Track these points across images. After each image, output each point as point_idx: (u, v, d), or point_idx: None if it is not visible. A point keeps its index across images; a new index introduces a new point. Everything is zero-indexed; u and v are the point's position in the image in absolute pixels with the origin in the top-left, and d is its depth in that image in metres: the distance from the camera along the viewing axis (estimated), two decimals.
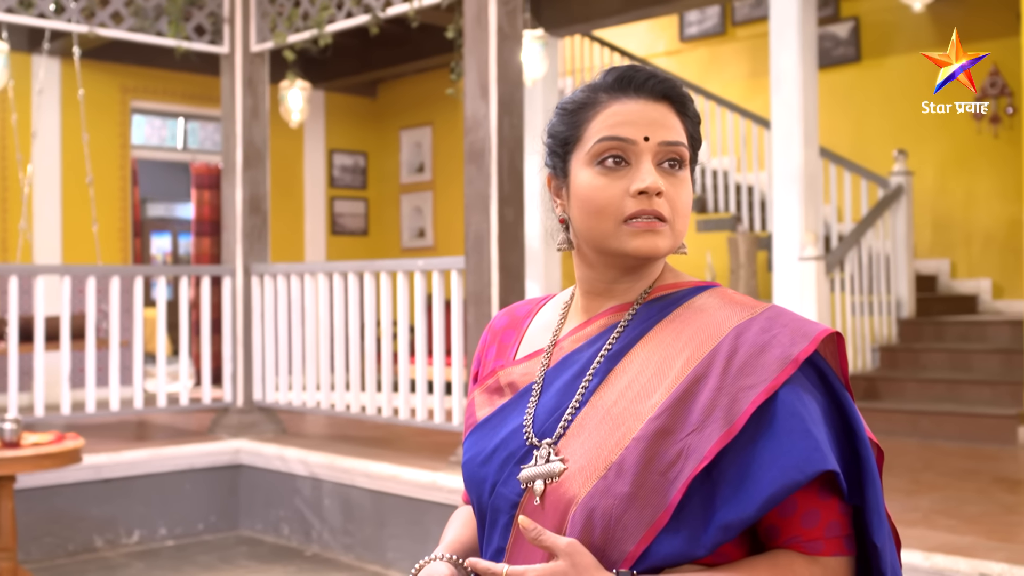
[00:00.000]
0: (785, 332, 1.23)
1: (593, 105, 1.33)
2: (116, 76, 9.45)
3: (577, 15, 8.15)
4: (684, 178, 1.32)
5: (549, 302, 1.49)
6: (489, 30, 5.14)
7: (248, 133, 6.83)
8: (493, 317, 1.53)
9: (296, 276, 6.58)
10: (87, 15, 6.31)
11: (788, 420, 1.18)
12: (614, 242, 1.29)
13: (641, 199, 1.27)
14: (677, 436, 1.20)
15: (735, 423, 1.18)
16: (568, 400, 1.31)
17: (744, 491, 1.17)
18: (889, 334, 7.70)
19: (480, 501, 1.35)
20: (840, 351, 1.27)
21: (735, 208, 8.91)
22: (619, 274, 1.34)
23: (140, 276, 6.50)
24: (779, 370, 1.20)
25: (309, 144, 11.01)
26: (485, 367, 1.48)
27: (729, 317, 1.28)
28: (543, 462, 1.27)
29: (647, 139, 1.29)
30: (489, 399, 1.41)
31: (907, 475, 5.28)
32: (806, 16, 6.84)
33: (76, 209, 8.97)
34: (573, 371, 1.33)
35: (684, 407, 1.21)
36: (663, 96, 1.32)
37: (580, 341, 1.36)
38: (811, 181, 6.87)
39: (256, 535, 6.31)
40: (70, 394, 6.34)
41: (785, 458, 1.16)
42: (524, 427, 1.32)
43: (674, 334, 1.29)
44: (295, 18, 6.48)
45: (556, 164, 1.37)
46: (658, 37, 10.38)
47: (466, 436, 1.41)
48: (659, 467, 1.19)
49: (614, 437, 1.23)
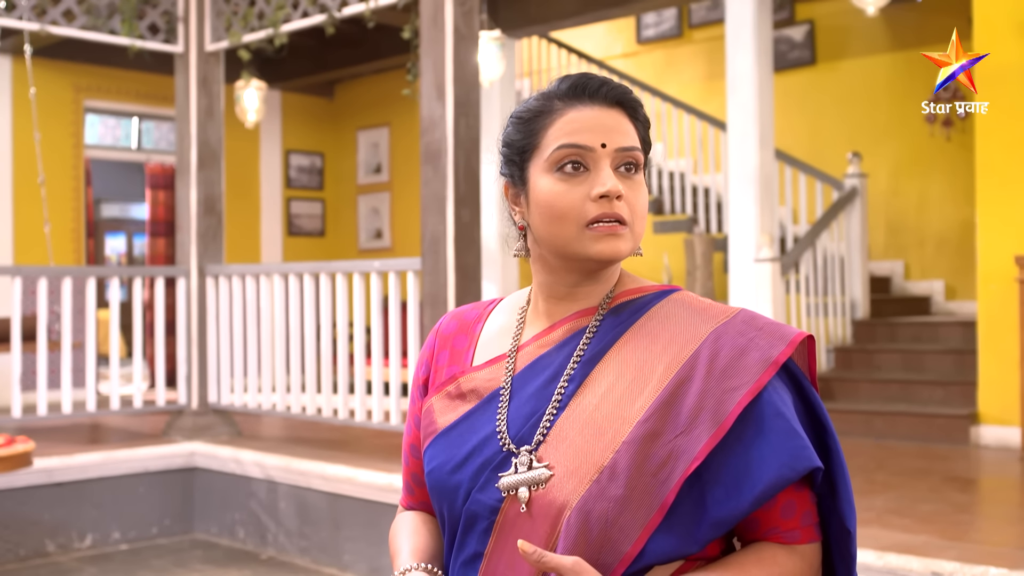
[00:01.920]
0: (762, 336, 1.29)
1: (549, 113, 1.35)
2: (69, 75, 9.34)
3: (534, 16, 8.15)
4: (640, 181, 1.35)
5: (498, 306, 1.50)
6: (445, 31, 5.13)
7: (203, 133, 6.77)
8: (439, 322, 1.53)
9: (251, 277, 6.53)
10: (39, 12, 6.23)
11: (775, 420, 1.24)
12: (577, 246, 1.31)
13: (602, 203, 1.30)
14: (665, 438, 1.24)
15: (722, 424, 1.22)
16: (544, 405, 1.32)
17: (736, 489, 1.22)
18: (843, 335, 7.76)
19: (451, 508, 1.35)
20: (810, 352, 1.33)
21: (692, 210, 8.95)
22: (580, 278, 1.37)
23: (93, 277, 6.42)
24: (761, 371, 1.25)
25: (265, 145, 10.94)
26: (438, 373, 1.47)
27: (705, 321, 1.32)
28: (525, 469, 1.28)
29: (604, 145, 1.32)
30: (451, 405, 1.41)
31: (861, 475, 5.32)
32: (761, 19, 6.88)
33: (28, 209, 8.86)
34: (545, 376, 1.35)
35: (670, 410, 1.25)
36: (616, 102, 1.35)
37: (547, 346, 1.38)
38: (767, 183, 6.92)
39: (211, 538, 6.25)
40: (21, 397, 6.25)
41: (776, 456, 1.22)
42: (499, 433, 1.33)
43: (650, 338, 1.32)
44: (250, 17, 6.43)
45: (513, 172, 1.39)
46: (615, 39, 10.40)
47: (428, 444, 1.40)
48: (650, 469, 1.23)
49: (601, 441, 1.25)
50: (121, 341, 11.28)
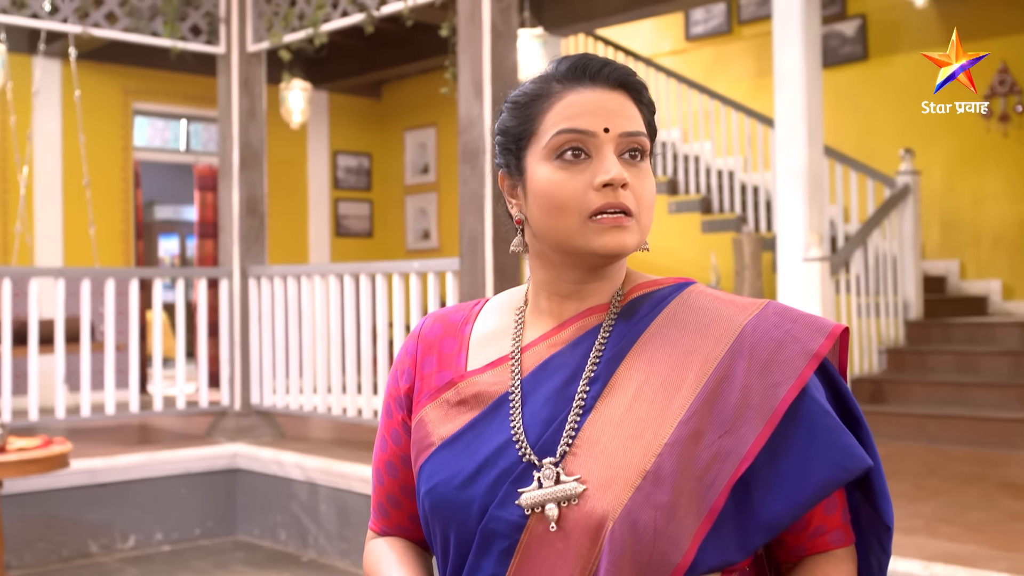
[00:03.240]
0: (798, 327, 1.21)
1: (547, 96, 1.25)
2: (118, 78, 9.41)
3: (580, 13, 8.07)
4: (646, 169, 1.25)
5: (486, 307, 1.39)
6: (483, 28, 5.06)
7: (245, 134, 6.77)
8: (419, 326, 1.41)
9: (293, 278, 6.51)
10: (81, 15, 6.26)
11: (822, 417, 1.17)
12: (579, 240, 1.21)
13: (606, 192, 1.20)
14: (709, 438, 1.15)
15: (769, 421, 1.15)
16: (565, 409, 1.21)
17: (785, 491, 1.15)
18: (896, 336, 7.59)
19: (461, 528, 1.22)
20: (842, 345, 1.25)
21: (740, 209, 8.82)
22: (584, 274, 1.27)
23: (135, 278, 6.43)
24: (803, 365, 1.18)
25: (313, 146, 10.95)
26: (426, 380, 1.35)
27: (735, 314, 1.24)
28: (552, 483, 1.16)
29: (607, 130, 1.22)
30: (450, 414, 1.29)
31: (910, 480, 5.18)
32: (809, 14, 6.74)
33: (77, 211, 8.92)
34: (561, 377, 1.24)
35: (712, 408, 1.17)
36: (619, 84, 1.25)
37: (558, 345, 1.27)
38: (815, 181, 6.78)
39: (253, 540, 6.24)
40: (67, 397, 6.28)
41: (827, 455, 1.15)
42: (516, 442, 1.21)
43: (678, 333, 1.23)
44: (291, 18, 6.41)
45: (509, 162, 1.29)
46: (664, 36, 10.28)
47: (426, 459, 1.27)
48: (695, 472, 1.14)
49: (640, 444, 1.16)
50: (167, 342, 11.35)
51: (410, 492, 1.35)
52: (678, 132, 9.41)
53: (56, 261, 8.90)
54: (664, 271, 7.97)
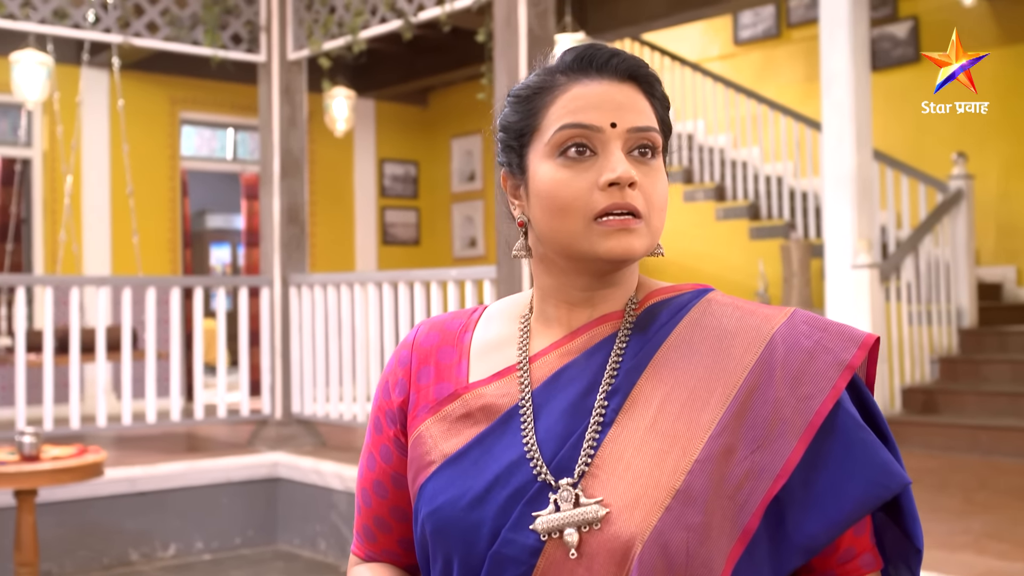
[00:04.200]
0: (829, 337, 1.14)
1: (550, 89, 1.16)
2: (165, 87, 9.47)
3: (624, 18, 7.98)
4: (657, 168, 1.16)
5: (484, 314, 1.29)
6: (519, 32, 5.00)
7: (286, 142, 6.76)
8: (413, 334, 1.31)
9: (333, 287, 6.48)
10: (123, 25, 6.28)
11: (857, 431, 1.10)
12: (583, 244, 1.12)
13: (612, 192, 1.11)
14: (741, 454, 1.08)
15: (803, 436, 1.08)
16: (581, 423, 1.12)
17: (820, 510, 1.08)
18: (949, 344, 7.40)
19: (468, 552, 1.12)
20: (871, 355, 1.16)
21: (789, 215, 8.67)
22: (593, 280, 1.18)
23: (177, 287, 6.44)
24: (836, 376, 1.11)
25: (359, 153, 10.95)
26: (423, 393, 1.24)
27: (762, 322, 1.15)
28: (570, 506, 1.07)
29: (614, 125, 1.13)
30: (452, 429, 1.19)
31: (960, 494, 5.02)
32: (857, 16, 6.61)
33: (124, 220, 8.98)
34: (576, 389, 1.15)
35: (743, 422, 1.09)
36: (629, 76, 1.16)
37: (571, 354, 1.18)
38: (864, 185, 6.63)
39: (293, 550, 6.21)
40: (116, 406, 6.30)
41: (864, 472, 1.08)
42: (531, 459, 1.12)
43: (701, 342, 1.15)
44: (330, 25, 6.40)
45: (511, 160, 1.19)
46: (711, 41, 10.16)
47: (427, 477, 1.17)
48: (727, 491, 1.06)
49: (668, 461, 1.07)
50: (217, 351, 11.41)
51: (400, 514, 1.27)
52: (726, 138, 9.29)
53: (104, 270, 8.96)
54: (711, 278, 7.86)
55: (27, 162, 8.99)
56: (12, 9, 5.91)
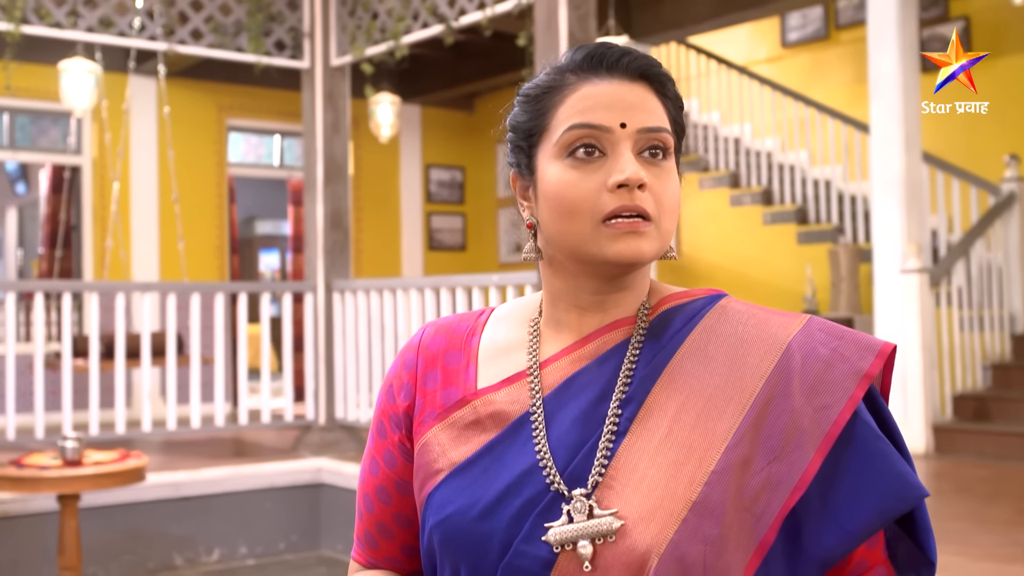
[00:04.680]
0: (845, 345, 1.11)
1: (559, 89, 1.14)
2: (212, 95, 9.54)
3: (669, 21, 7.92)
4: (669, 169, 1.13)
5: (492, 317, 1.26)
6: (559, 36, 4.97)
7: (329, 148, 6.78)
8: (418, 336, 1.28)
9: (376, 292, 6.49)
10: (167, 32, 6.33)
11: (875, 442, 1.08)
12: (591, 246, 1.10)
13: (620, 194, 1.08)
14: (758, 465, 1.05)
15: (820, 447, 1.06)
16: (594, 432, 1.10)
17: (836, 522, 1.05)
18: (1002, 351, 7.26)
19: (478, 564, 1.09)
20: (887, 366, 1.13)
21: (838, 219, 8.56)
22: (603, 284, 1.15)
23: (221, 293, 6.47)
24: (854, 386, 1.08)
25: (405, 159, 10.97)
26: (429, 398, 1.21)
27: (778, 329, 1.13)
28: (584, 518, 1.05)
29: (624, 125, 1.10)
30: (463, 435, 1.16)
31: (1011, 504, 4.91)
32: (906, 16, 6.51)
33: (172, 227, 9.06)
34: (589, 396, 1.12)
35: (759, 432, 1.07)
36: (640, 75, 1.13)
37: (583, 360, 1.15)
38: (913, 189, 6.53)
39: (336, 555, 6.21)
40: (157, 410, 6.34)
41: (881, 484, 1.06)
42: (544, 468, 1.09)
43: (716, 349, 1.12)
44: (373, 30, 6.40)
45: (520, 161, 1.18)
46: (759, 43, 10.06)
47: (436, 485, 1.14)
48: (744, 502, 1.04)
49: (684, 472, 1.05)
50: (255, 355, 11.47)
51: (404, 520, 1.24)
52: (773, 141, 9.19)
53: (152, 276, 9.04)
54: (758, 284, 7.75)
55: (76, 169, 9.09)
56: (59, 18, 5.98)
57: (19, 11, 5.71)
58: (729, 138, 9.47)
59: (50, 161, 9.14)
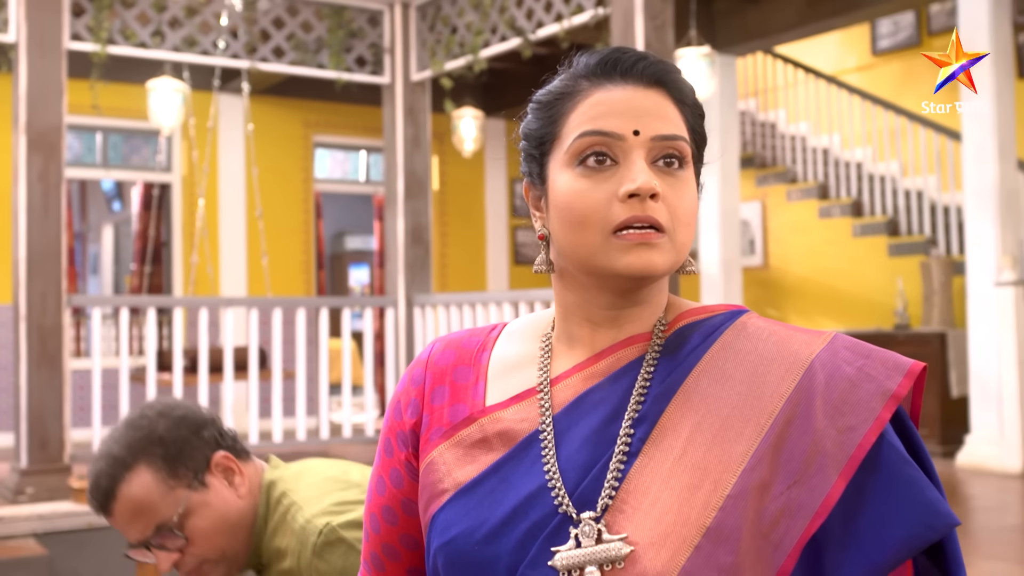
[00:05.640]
0: (872, 364, 1.05)
1: (572, 95, 1.10)
2: (298, 111, 9.66)
3: (753, 30, 7.80)
4: (685, 179, 1.08)
5: (504, 332, 1.21)
6: (635, 47, 4.90)
7: (409, 163, 6.80)
8: (427, 351, 1.23)
9: (456, 307, 6.48)
10: (249, 50, 6.41)
11: (902, 467, 1.01)
12: (601, 258, 1.05)
13: (632, 204, 1.04)
14: (777, 490, 1.00)
15: (844, 471, 1.00)
16: (605, 452, 1.05)
17: (862, 551, 0.99)
18: None
19: None
20: (917, 385, 1.06)
21: (930, 230, 8.33)
22: (616, 298, 1.10)
23: (303, 308, 6.52)
24: (880, 407, 1.02)
25: (490, 173, 10.98)
26: (436, 415, 1.17)
27: (800, 347, 1.07)
28: (592, 542, 1.00)
29: (637, 133, 1.05)
30: (469, 454, 1.11)
31: None
32: (999, 20, 6.33)
33: (259, 242, 9.18)
34: (600, 415, 1.07)
35: (779, 455, 1.01)
36: (656, 81, 1.08)
37: (596, 377, 1.10)
38: (1009, 199, 6.34)
39: None
40: (240, 424, 6.39)
41: (909, 511, 0.99)
42: (552, 489, 1.05)
43: (735, 367, 1.06)
44: (452, 45, 6.41)
45: (532, 169, 1.13)
46: (848, 52, 9.87)
47: (440, 506, 1.10)
48: (761, 529, 0.98)
49: (697, 496, 1.00)
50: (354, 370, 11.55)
51: (410, 542, 1.20)
52: (863, 152, 9.00)
53: (240, 291, 9.17)
54: (847, 298, 7.58)
55: (166, 187, 9.27)
56: (144, 38, 6.09)
57: (105, 32, 5.83)
58: (818, 149, 9.30)
59: (142, 179, 9.34)
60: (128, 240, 11.73)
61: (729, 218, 8.00)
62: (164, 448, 1.76)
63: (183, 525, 1.75)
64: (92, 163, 9.33)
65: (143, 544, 1.76)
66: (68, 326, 5.71)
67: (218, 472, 1.79)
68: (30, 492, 5.44)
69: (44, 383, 5.50)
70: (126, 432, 1.77)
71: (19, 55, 5.58)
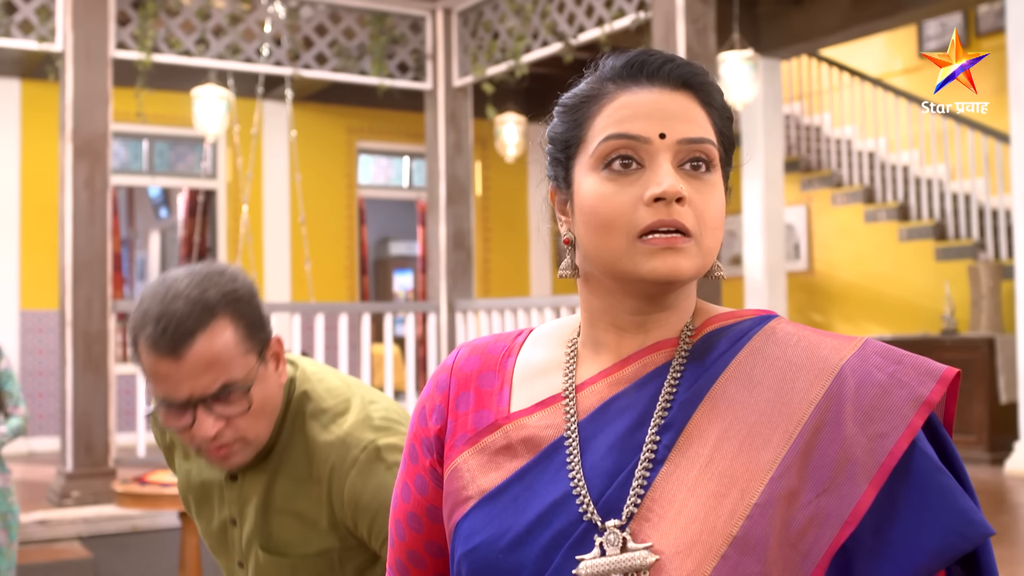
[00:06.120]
0: (904, 370, 1.03)
1: (598, 98, 1.08)
2: (342, 118, 9.71)
3: (798, 33, 7.74)
4: (713, 183, 1.06)
5: (529, 338, 1.20)
6: (678, 51, 4.88)
7: (451, 168, 6.81)
8: (452, 357, 1.22)
9: (498, 312, 6.48)
10: (292, 57, 6.45)
11: (935, 474, 0.99)
12: (627, 263, 1.04)
13: (657, 208, 1.02)
14: (805, 498, 0.98)
15: (875, 479, 0.98)
16: (630, 459, 1.03)
17: (894, 561, 0.97)
18: None
19: None
20: (951, 392, 1.04)
21: (978, 234, 8.22)
22: (642, 303, 1.08)
23: (345, 313, 6.55)
24: (912, 414, 1.00)
25: (533, 178, 10.98)
26: (461, 421, 1.16)
27: (830, 352, 1.04)
28: (617, 551, 0.99)
29: (663, 136, 1.04)
30: (493, 461, 1.10)
31: None
32: None
33: (303, 248, 9.24)
34: (626, 422, 1.06)
35: (808, 462, 0.99)
36: (683, 84, 1.07)
37: (622, 384, 1.08)
38: None
39: None
40: None
41: (942, 520, 0.97)
42: (577, 496, 1.03)
43: (763, 373, 1.05)
44: (493, 50, 6.42)
45: (558, 173, 1.12)
46: (895, 54, 9.76)
47: (465, 513, 1.10)
48: (789, 538, 0.96)
49: (724, 504, 0.98)
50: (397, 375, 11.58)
51: (435, 549, 1.19)
52: (910, 155, 8.90)
53: (284, 297, 9.23)
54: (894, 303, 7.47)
55: (211, 193, 9.35)
56: (188, 46, 6.14)
57: (150, 40, 5.89)
58: (863, 152, 9.21)
59: (187, 186, 9.43)
60: (174, 246, 11.84)
61: (773, 222, 7.93)
62: (249, 308, 1.62)
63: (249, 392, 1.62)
64: (138, 170, 9.44)
65: (201, 400, 1.58)
66: (114, 331, 5.77)
67: (270, 355, 1.66)
68: (75, 496, 5.50)
69: (89, 388, 5.56)
70: (208, 279, 1.60)
71: (66, 64, 5.65)
